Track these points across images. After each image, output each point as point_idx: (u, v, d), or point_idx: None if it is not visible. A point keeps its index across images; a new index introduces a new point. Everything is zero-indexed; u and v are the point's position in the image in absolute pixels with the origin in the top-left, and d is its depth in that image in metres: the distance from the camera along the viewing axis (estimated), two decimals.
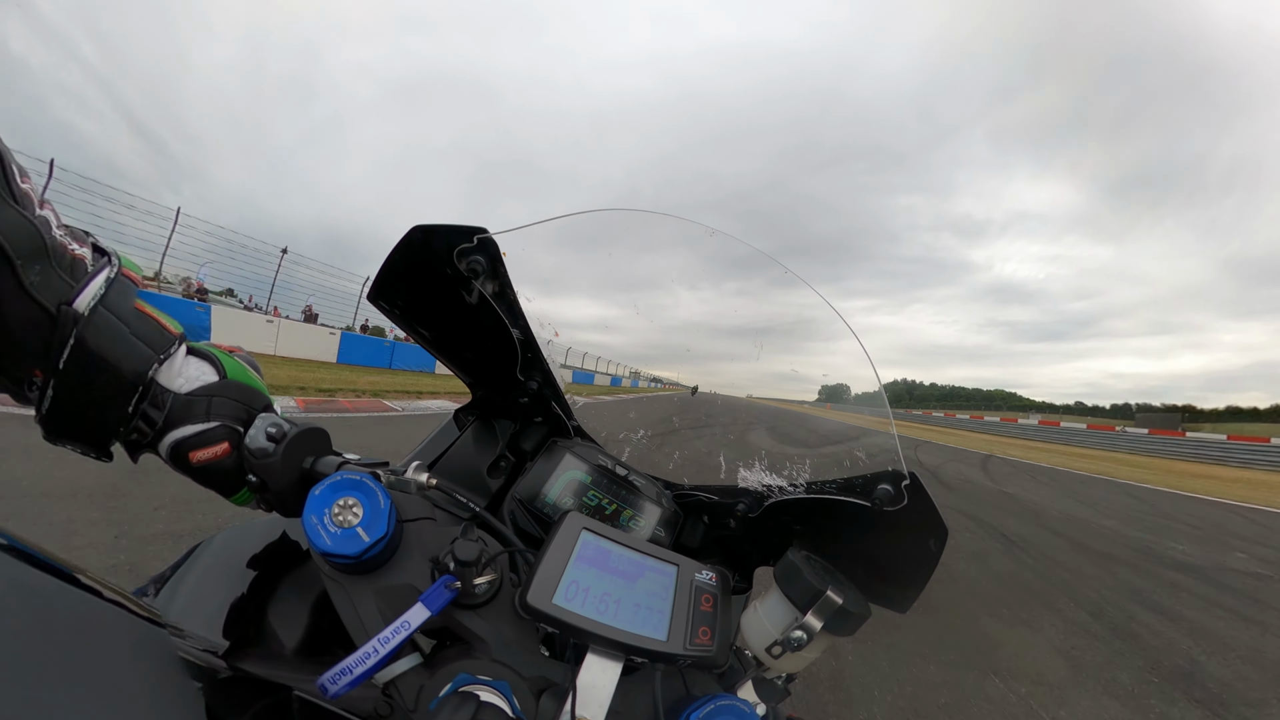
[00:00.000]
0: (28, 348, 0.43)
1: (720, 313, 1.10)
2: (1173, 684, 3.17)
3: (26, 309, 0.41)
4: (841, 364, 0.88)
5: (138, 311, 0.49)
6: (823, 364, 0.94)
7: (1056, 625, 3.93)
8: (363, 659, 0.46)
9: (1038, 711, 2.75)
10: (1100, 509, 9.68)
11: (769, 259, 0.86)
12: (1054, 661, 3.37)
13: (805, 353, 0.93)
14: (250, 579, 0.58)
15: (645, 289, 0.99)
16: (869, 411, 0.84)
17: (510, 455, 0.90)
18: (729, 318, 1.09)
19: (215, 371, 0.55)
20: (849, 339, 0.76)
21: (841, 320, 0.77)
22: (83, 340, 0.44)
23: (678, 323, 1.08)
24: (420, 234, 0.61)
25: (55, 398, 0.45)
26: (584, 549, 0.56)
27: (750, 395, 1.13)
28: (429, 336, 0.75)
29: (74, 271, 0.44)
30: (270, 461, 0.52)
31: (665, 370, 1.47)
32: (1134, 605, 4.51)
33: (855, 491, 0.63)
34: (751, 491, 0.79)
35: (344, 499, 0.50)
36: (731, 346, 1.07)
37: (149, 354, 0.49)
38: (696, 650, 0.54)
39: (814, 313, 0.83)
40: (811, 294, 0.82)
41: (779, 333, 0.95)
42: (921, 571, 0.60)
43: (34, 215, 0.42)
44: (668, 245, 0.89)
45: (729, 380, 1.18)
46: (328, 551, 0.49)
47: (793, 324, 0.92)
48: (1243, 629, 4.24)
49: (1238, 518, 10.24)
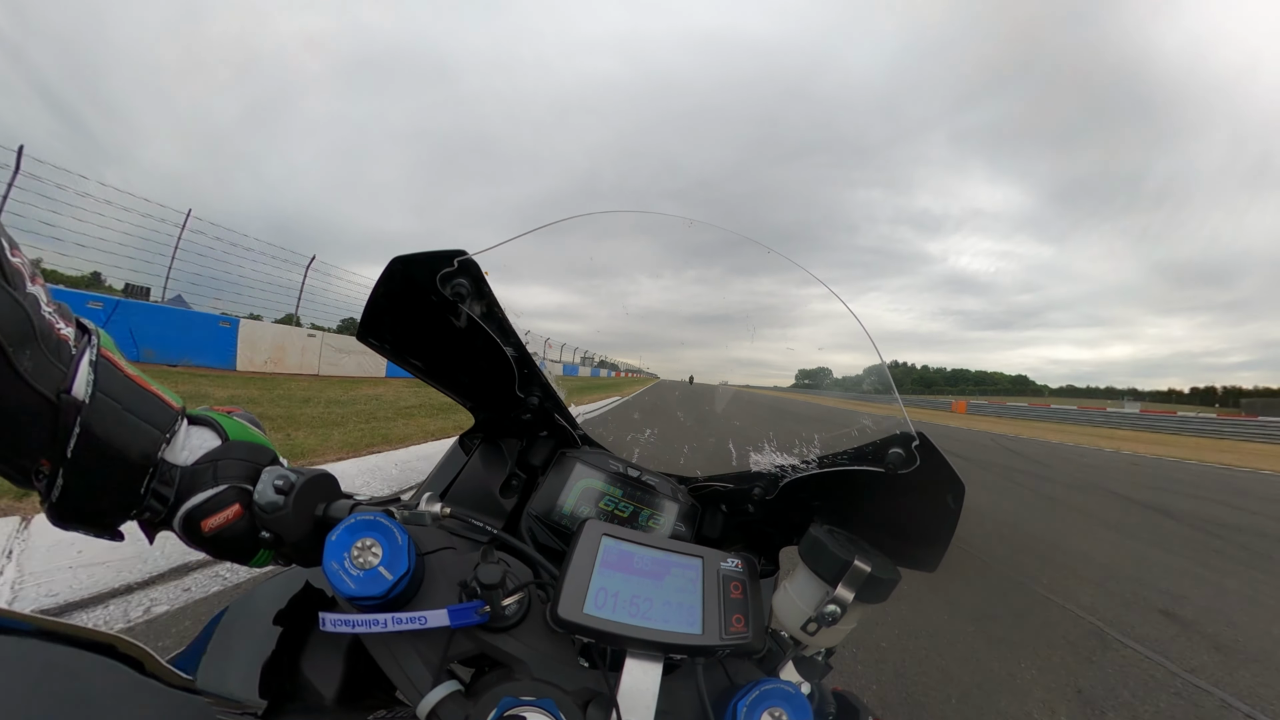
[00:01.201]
0: (32, 438, 0.42)
1: (681, 300, 1.10)
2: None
3: (27, 398, 0.40)
4: (800, 349, 0.89)
5: (137, 388, 0.48)
6: (782, 349, 0.94)
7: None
8: (369, 622, 0.47)
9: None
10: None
11: (762, 247, 0.86)
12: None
13: (765, 338, 0.93)
14: (279, 635, 0.57)
15: (606, 276, 0.98)
16: (871, 384, 0.84)
17: (520, 473, 0.89)
18: (690, 304, 1.09)
19: (218, 436, 0.54)
20: (809, 325, 0.76)
21: (847, 308, 0.76)
22: (88, 427, 0.43)
23: (640, 310, 1.07)
24: (400, 265, 0.60)
25: (65, 486, 0.44)
26: (607, 555, 0.56)
27: (725, 382, 1.14)
28: (423, 367, 0.74)
29: (60, 354, 0.43)
30: (282, 514, 0.52)
31: (627, 357, 1.47)
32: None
33: (867, 459, 0.63)
34: (765, 474, 0.79)
35: (361, 540, 0.50)
36: (697, 334, 1.07)
37: (155, 434, 0.48)
38: (733, 639, 0.54)
39: (773, 300, 0.84)
40: (771, 281, 0.83)
41: (738, 320, 0.95)
42: (944, 529, 0.61)
43: (24, 295, 0.40)
44: (630, 233, 0.89)
45: (690, 367, 1.18)
46: (353, 595, 0.49)
47: (753, 310, 0.92)
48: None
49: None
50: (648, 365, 1.32)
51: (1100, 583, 4.40)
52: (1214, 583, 4.66)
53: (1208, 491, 10.21)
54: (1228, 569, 5.09)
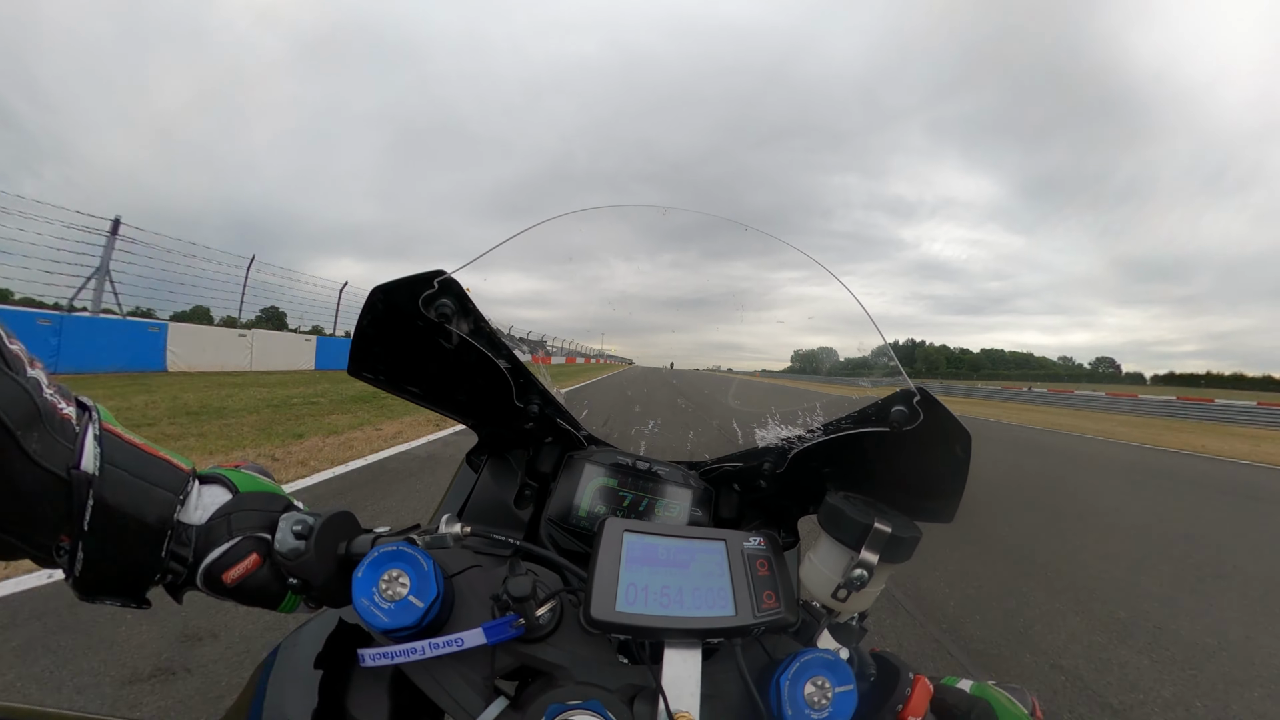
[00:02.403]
0: (48, 516, 0.43)
1: (656, 284, 1.10)
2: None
3: (39, 478, 0.41)
4: (775, 331, 0.89)
5: (144, 455, 0.49)
6: (756, 333, 0.94)
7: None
8: (407, 651, 0.48)
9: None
10: None
11: (762, 233, 0.86)
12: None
13: (742, 321, 0.93)
14: (320, 679, 0.57)
15: (580, 261, 0.97)
16: (881, 365, 0.82)
17: (532, 482, 0.90)
18: (666, 289, 1.08)
19: (228, 491, 0.55)
20: (785, 307, 0.76)
21: (849, 291, 0.76)
22: (101, 498, 0.44)
23: (614, 294, 1.07)
24: (381, 294, 0.60)
25: (87, 559, 0.45)
26: (631, 550, 0.56)
27: (693, 368, 1.14)
28: (420, 393, 0.74)
29: (65, 432, 0.44)
30: (305, 559, 0.52)
31: (604, 343, 1.46)
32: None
33: (871, 420, 0.63)
34: (773, 449, 0.80)
35: (388, 572, 0.50)
36: (674, 318, 1.06)
37: (168, 496, 0.49)
38: (766, 615, 0.55)
39: (748, 283, 0.84)
40: (746, 265, 0.83)
41: (713, 303, 0.95)
42: (955, 480, 0.61)
43: (25, 379, 0.42)
44: (604, 217, 0.88)
45: (668, 351, 1.18)
46: (387, 628, 0.49)
47: (727, 294, 0.92)
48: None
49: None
50: (622, 351, 1.31)
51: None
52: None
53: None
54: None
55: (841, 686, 0.51)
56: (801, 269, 0.79)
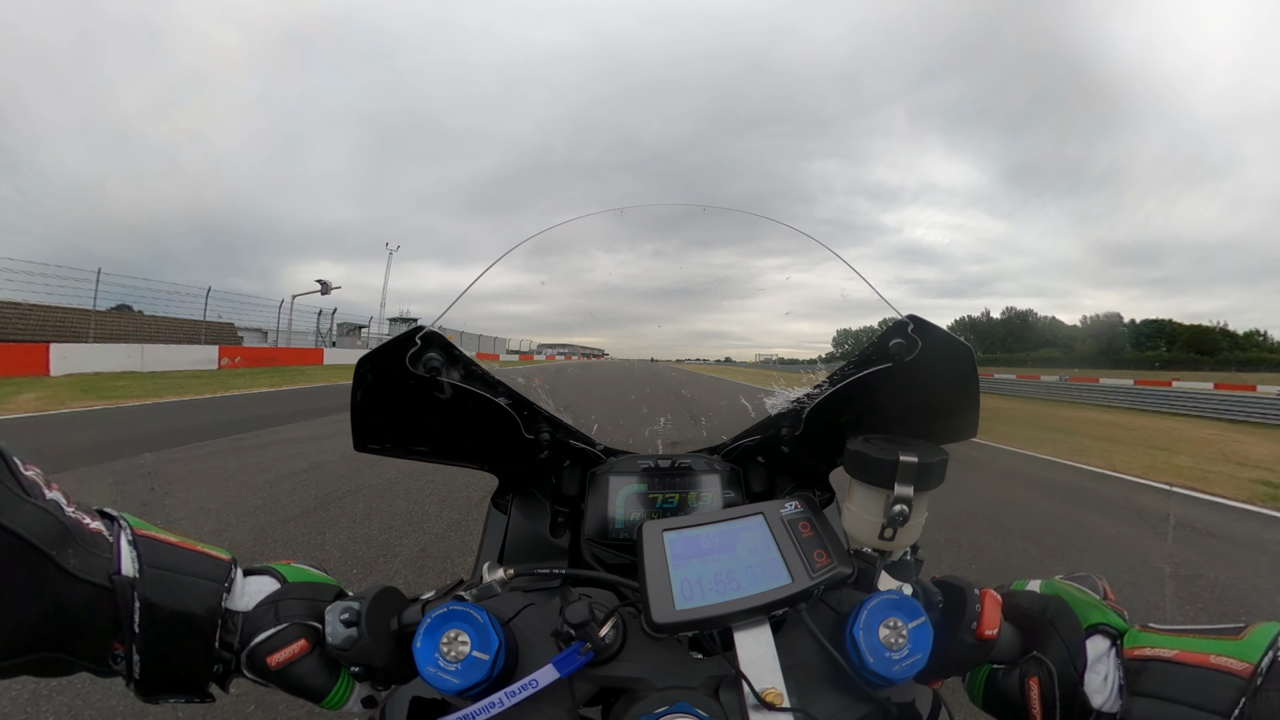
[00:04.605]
0: (97, 627, 0.44)
1: (640, 274, 1.09)
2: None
3: (83, 591, 0.42)
4: (758, 320, 0.89)
5: (182, 550, 0.50)
6: (740, 320, 0.94)
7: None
8: (487, 707, 0.47)
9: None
10: None
11: (771, 221, 0.85)
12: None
13: (724, 310, 0.93)
14: None
15: (560, 253, 0.96)
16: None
17: (562, 508, 0.89)
18: (649, 279, 1.08)
19: (276, 581, 0.55)
20: (768, 295, 0.76)
21: (856, 272, 0.76)
22: (146, 599, 0.45)
23: (596, 286, 1.06)
24: (367, 364, 0.60)
25: (143, 661, 0.45)
26: (674, 547, 0.56)
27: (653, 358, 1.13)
28: (429, 451, 0.73)
29: (97, 544, 0.45)
30: (361, 645, 0.51)
31: (582, 337, 1.45)
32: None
33: (873, 360, 0.64)
34: (786, 413, 0.80)
35: (446, 635, 0.50)
36: (655, 309, 1.05)
37: (213, 587, 0.49)
38: (823, 574, 0.55)
39: (731, 271, 0.84)
40: (728, 253, 0.83)
41: (697, 293, 0.95)
42: (967, 396, 0.62)
43: (46, 502, 0.43)
44: (584, 207, 0.87)
45: (651, 343, 1.17)
46: (460, 689, 0.48)
47: (711, 284, 0.92)
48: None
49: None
50: (607, 344, 1.30)
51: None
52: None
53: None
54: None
55: (914, 621, 0.51)
56: (783, 256, 0.79)
